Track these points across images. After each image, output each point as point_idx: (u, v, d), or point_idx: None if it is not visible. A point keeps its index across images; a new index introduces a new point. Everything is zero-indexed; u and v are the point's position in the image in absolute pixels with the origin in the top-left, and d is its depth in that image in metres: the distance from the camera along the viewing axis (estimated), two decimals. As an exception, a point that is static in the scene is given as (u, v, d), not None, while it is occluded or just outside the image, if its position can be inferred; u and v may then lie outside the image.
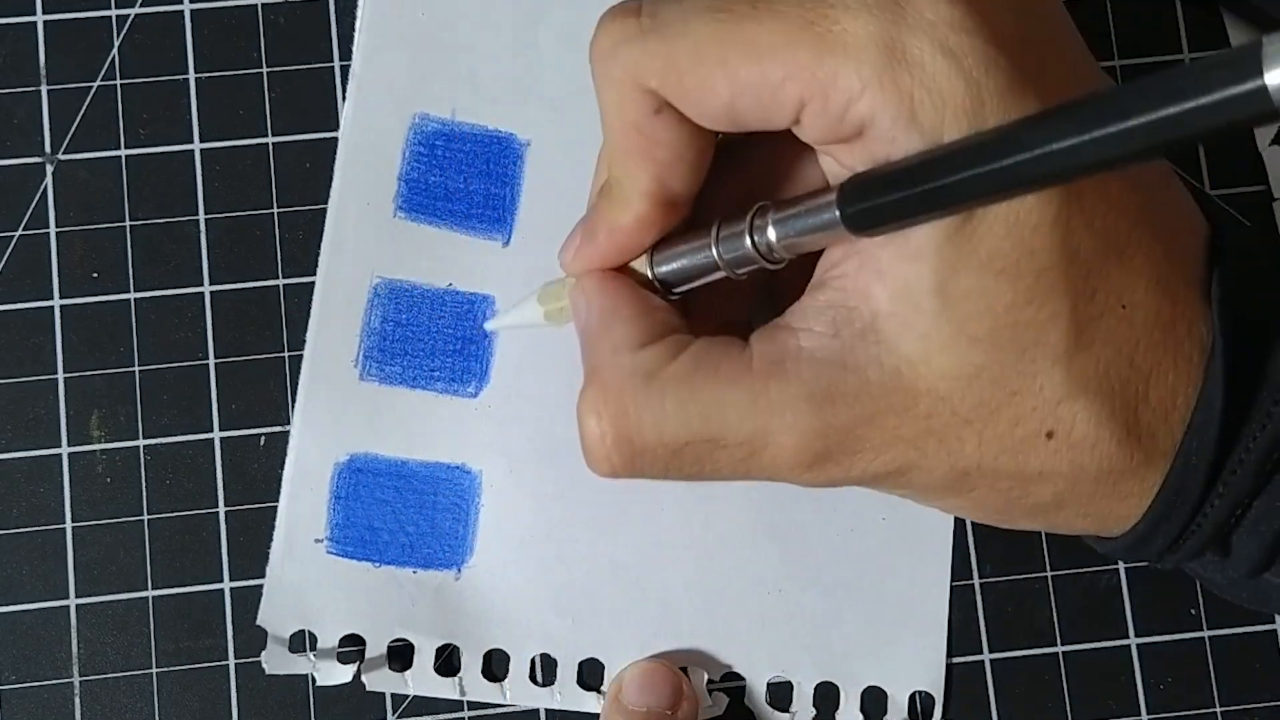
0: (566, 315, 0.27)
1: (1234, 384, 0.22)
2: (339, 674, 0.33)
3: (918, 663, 0.34)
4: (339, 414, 0.34)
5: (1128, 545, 0.24)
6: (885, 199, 0.21)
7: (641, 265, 0.26)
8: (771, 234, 0.23)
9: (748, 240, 0.24)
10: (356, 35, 0.36)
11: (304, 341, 0.35)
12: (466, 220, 0.35)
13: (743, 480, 0.24)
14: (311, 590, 0.34)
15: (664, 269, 0.25)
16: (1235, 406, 0.22)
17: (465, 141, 0.35)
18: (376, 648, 0.34)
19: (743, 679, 0.34)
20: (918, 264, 0.21)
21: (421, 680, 0.34)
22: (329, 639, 0.34)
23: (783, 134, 0.23)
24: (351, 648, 0.34)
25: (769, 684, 0.34)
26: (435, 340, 0.35)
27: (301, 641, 0.34)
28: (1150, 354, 0.22)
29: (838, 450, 0.23)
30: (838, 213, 0.22)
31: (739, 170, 0.26)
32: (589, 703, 0.34)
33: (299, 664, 0.33)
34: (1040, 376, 0.22)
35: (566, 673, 0.34)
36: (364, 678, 0.33)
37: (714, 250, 0.24)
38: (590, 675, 0.34)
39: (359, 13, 0.36)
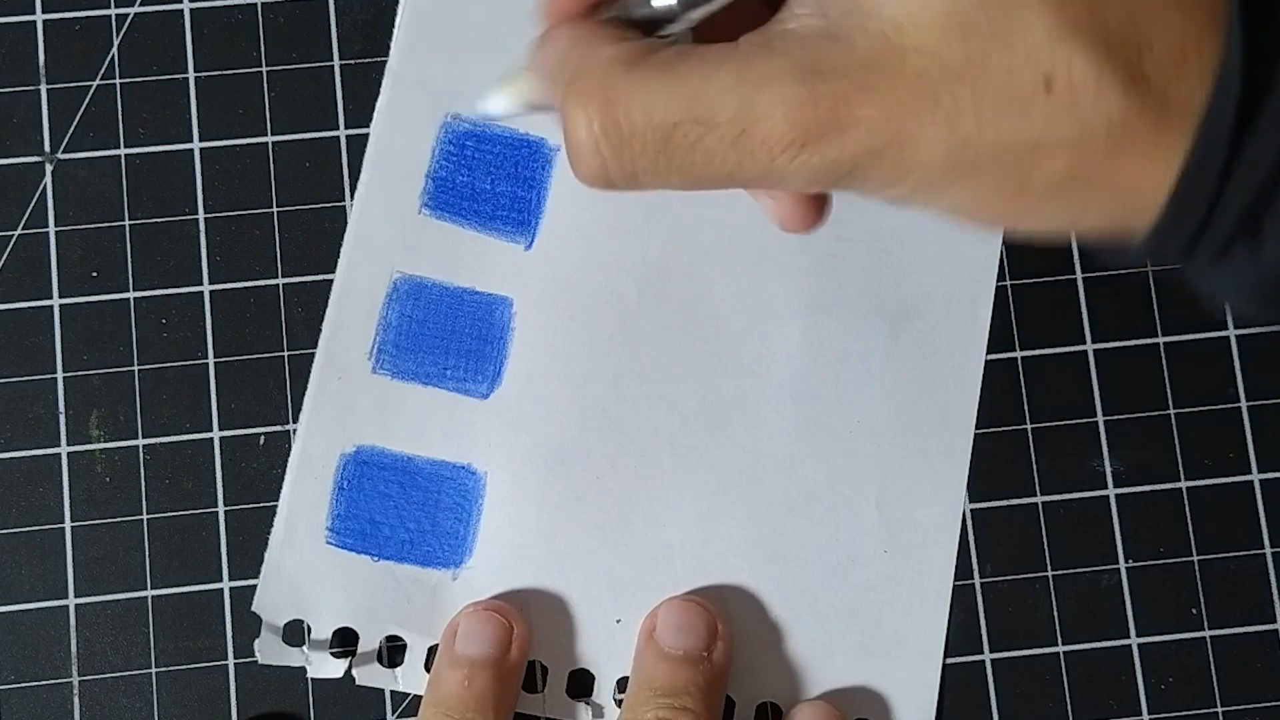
0: (529, 94, 0.27)
1: (1255, 35, 0.21)
2: (330, 667, 0.33)
3: (909, 698, 0.34)
4: (349, 405, 0.34)
5: (1157, 231, 0.23)
6: None
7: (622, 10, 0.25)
8: None
9: None
10: (395, 31, 0.36)
11: (304, 341, 0.35)
12: (491, 221, 0.35)
13: (738, 177, 0.24)
14: (308, 580, 0.34)
15: None
16: (1258, 57, 0.21)
17: (495, 144, 0.36)
18: (369, 643, 0.34)
19: (731, 700, 0.34)
20: None
21: (411, 678, 0.34)
22: (323, 631, 0.34)
23: None
24: (344, 643, 0.34)
25: (757, 707, 0.34)
26: (451, 339, 0.35)
27: (295, 631, 0.34)
28: (1150, 3, 0.22)
29: (829, 122, 0.23)
30: None
31: None
32: (579, 712, 0.34)
33: (292, 656, 0.33)
34: (1029, 18, 0.21)
35: (556, 681, 0.34)
36: (354, 671, 0.33)
37: None
38: (580, 686, 0.34)
39: (399, 10, 0.36)
